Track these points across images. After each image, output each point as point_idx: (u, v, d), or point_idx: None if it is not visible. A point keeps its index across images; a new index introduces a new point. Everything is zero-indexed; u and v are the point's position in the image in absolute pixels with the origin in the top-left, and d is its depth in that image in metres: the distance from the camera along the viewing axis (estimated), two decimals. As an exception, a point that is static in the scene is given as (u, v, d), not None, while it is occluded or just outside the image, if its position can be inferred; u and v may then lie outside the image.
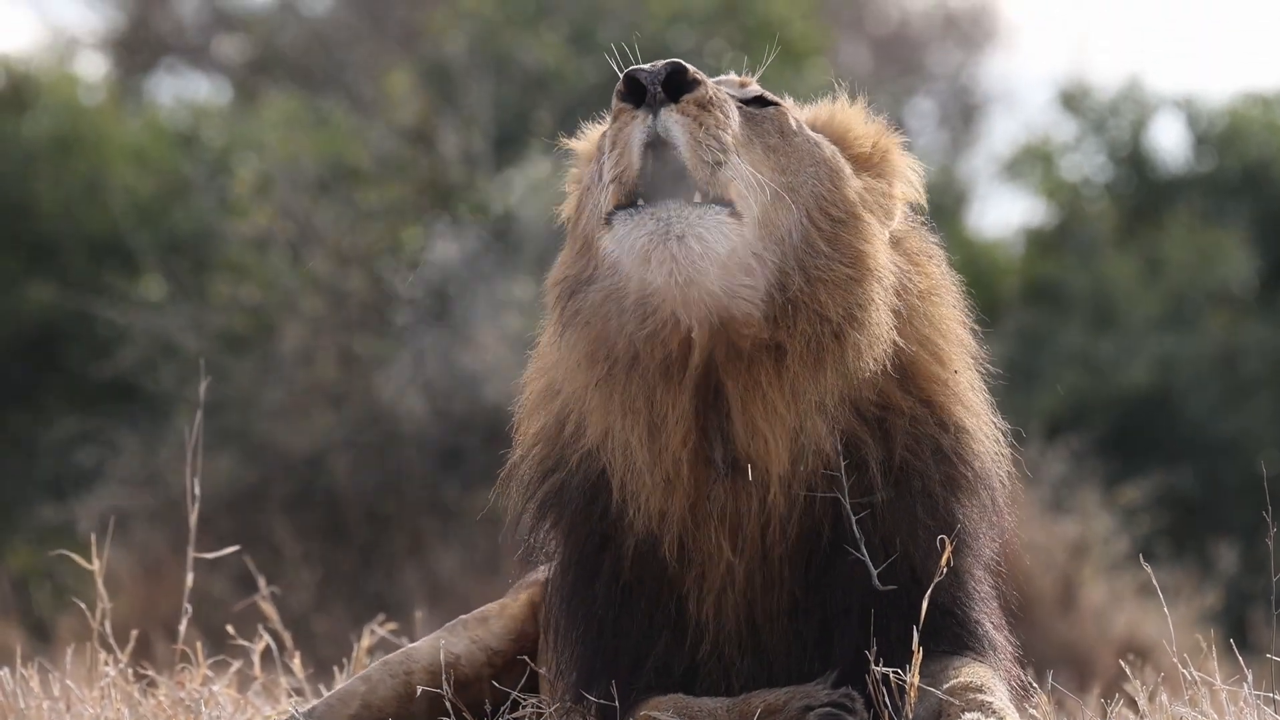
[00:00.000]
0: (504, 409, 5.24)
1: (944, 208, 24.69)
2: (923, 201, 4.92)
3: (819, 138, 4.80)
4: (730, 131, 4.53)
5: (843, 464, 4.59)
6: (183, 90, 29.30)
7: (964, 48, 33.59)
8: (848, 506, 4.59)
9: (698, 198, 4.46)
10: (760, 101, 4.78)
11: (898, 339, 4.66)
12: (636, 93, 4.53)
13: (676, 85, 4.52)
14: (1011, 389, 4.95)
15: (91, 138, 20.94)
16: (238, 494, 15.45)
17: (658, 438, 4.61)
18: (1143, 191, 23.71)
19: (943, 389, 4.75)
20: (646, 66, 4.55)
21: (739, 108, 4.67)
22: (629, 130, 4.52)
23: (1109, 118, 23.95)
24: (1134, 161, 23.83)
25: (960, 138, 32.56)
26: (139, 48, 29.64)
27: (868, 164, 4.87)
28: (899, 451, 4.66)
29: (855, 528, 4.59)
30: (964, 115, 32.76)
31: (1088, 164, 24.23)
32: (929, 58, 33.31)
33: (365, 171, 17.14)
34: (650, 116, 4.51)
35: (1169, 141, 30.08)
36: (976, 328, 4.91)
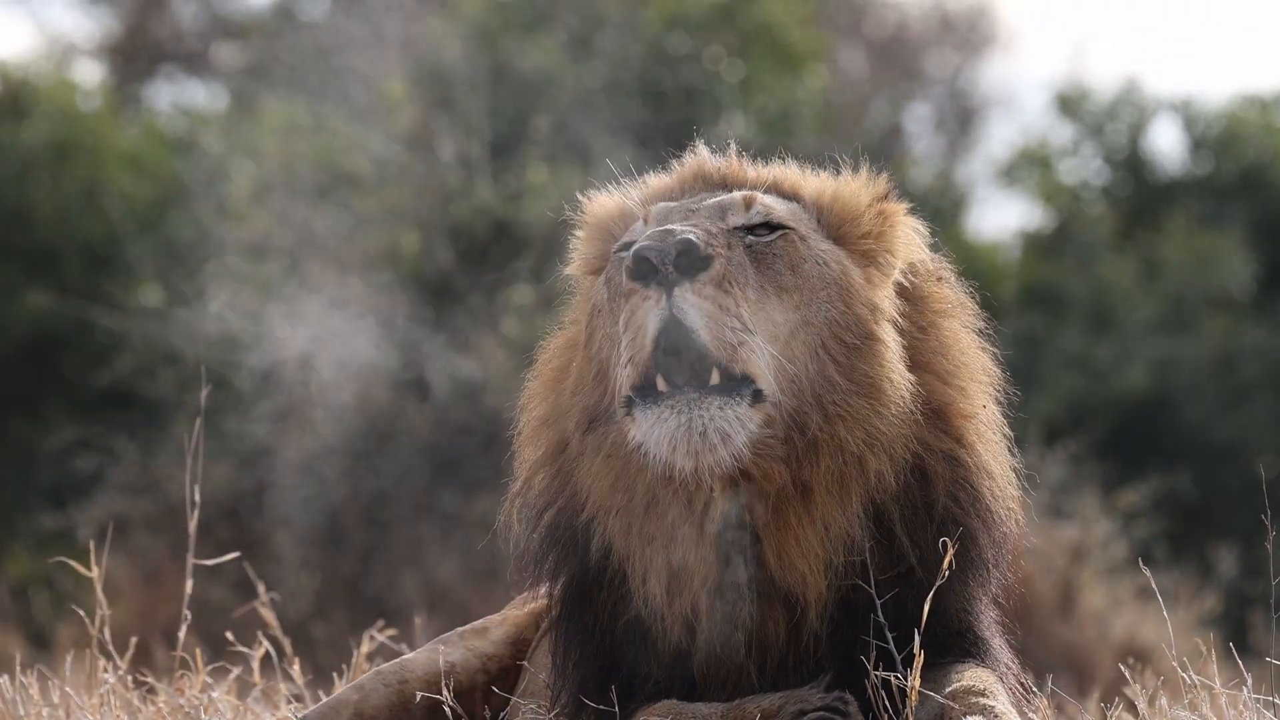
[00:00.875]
0: (502, 415, 5.24)
1: (942, 211, 24.69)
2: (927, 262, 4.88)
3: (826, 249, 4.72)
4: (746, 305, 4.47)
5: (868, 545, 4.62)
6: (180, 97, 29.31)
7: (961, 52, 33.60)
8: (874, 589, 4.60)
9: (715, 377, 4.43)
10: (767, 227, 4.67)
11: (923, 393, 4.68)
12: (647, 271, 4.45)
13: (689, 262, 4.44)
14: (1009, 393, 4.95)
15: (89, 144, 20.94)
16: (237, 501, 15.45)
17: (678, 578, 4.63)
18: (1140, 195, 23.72)
19: (962, 420, 4.76)
20: (655, 244, 4.45)
21: (749, 250, 4.59)
22: (642, 313, 4.46)
23: (1106, 121, 23.96)
24: (1131, 165, 23.84)
25: (958, 142, 32.56)
26: (137, 55, 29.64)
27: (868, 238, 4.82)
28: (941, 498, 4.67)
29: (879, 613, 4.59)
30: (962, 119, 32.76)
31: (1085, 168, 24.25)
32: (927, 62, 33.31)
33: (363, 178, 17.13)
34: (664, 296, 4.44)
35: (1166, 145, 30.07)
36: (995, 353, 4.92)
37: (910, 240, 4.85)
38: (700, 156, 4.97)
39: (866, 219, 4.81)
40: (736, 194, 4.76)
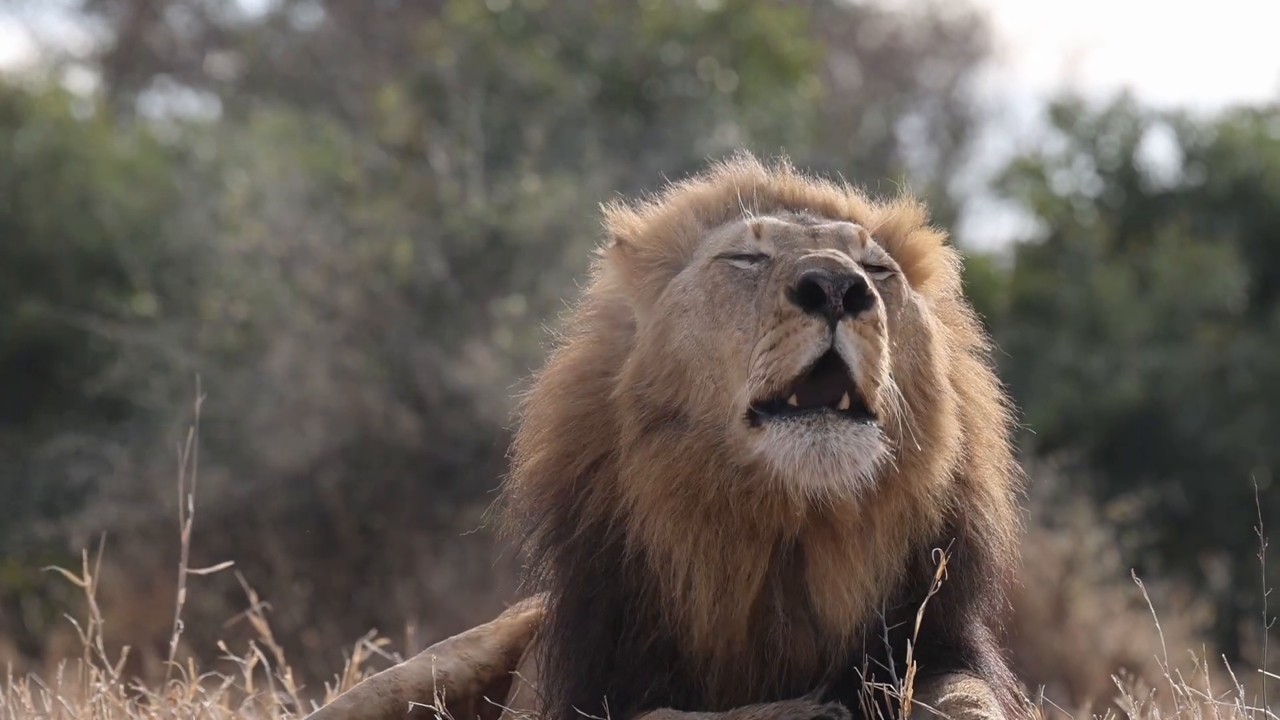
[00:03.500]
0: (496, 426, 5.24)
1: (935, 222, 24.68)
2: (957, 287, 4.96)
3: (911, 294, 4.78)
4: (887, 350, 4.52)
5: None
6: (174, 106, 29.32)
7: (955, 63, 33.64)
8: (882, 618, 4.65)
9: (845, 402, 4.47)
10: (875, 268, 4.72)
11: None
12: (811, 297, 4.46)
13: (858, 300, 4.47)
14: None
15: (82, 153, 20.93)
16: (230, 510, 15.44)
17: (726, 588, 4.65)
18: (1133, 206, 23.74)
19: (979, 450, 4.84)
20: (826, 274, 4.47)
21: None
22: (800, 337, 4.46)
23: (1099, 133, 23.98)
24: (1124, 176, 23.85)
25: (951, 153, 32.59)
26: (131, 64, 29.65)
27: (930, 275, 4.93)
28: (963, 549, 4.74)
29: (885, 636, 4.64)
30: (955, 130, 32.80)
31: (1078, 179, 24.27)
32: (920, 73, 33.35)
33: (356, 187, 17.13)
34: (827, 329, 4.46)
35: (1159, 156, 30.13)
36: (1004, 397, 4.96)
37: (949, 272, 4.97)
38: (751, 168, 4.98)
39: (930, 255, 4.92)
40: (850, 227, 4.79)
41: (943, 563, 4.57)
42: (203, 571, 5.98)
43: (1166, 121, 23.97)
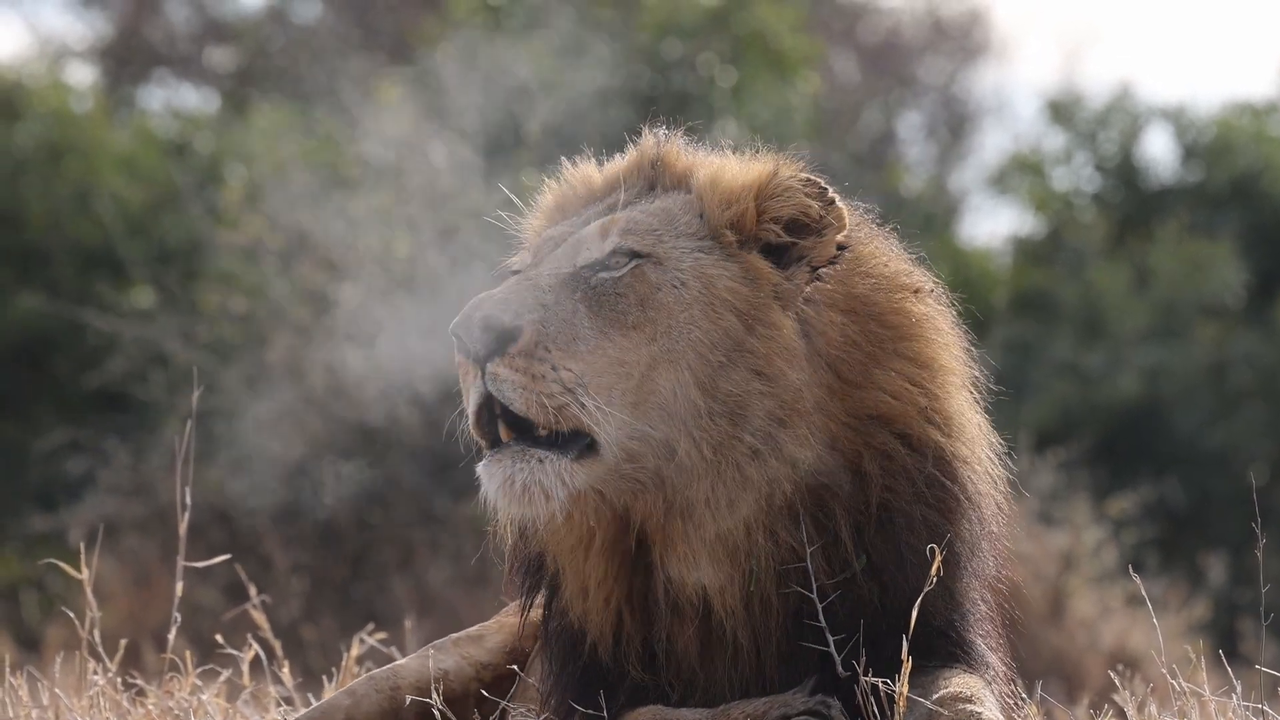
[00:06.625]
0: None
1: (934, 218, 24.70)
2: (828, 212, 4.69)
3: (688, 267, 4.63)
4: (571, 364, 4.48)
5: (809, 549, 4.59)
6: (173, 99, 29.30)
7: (954, 59, 33.62)
8: (815, 594, 4.59)
9: (541, 430, 4.47)
10: (619, 253, 4.63)
11: (850, 406, 4.63)
12: (463, 348, 4.53)
13: (495, 339, 4.48)
14: (1000, 400, 4.93)
15: (81, 147, 20.93)
16: (227, 504, 15.44)
17: (588, 596, 4.69)
18: (1132, 202, 23.74)
19: (918, 421, 4.69)
20: (463, 322, 4.51)
21: (591, 292, 4.57)
22: (468, 383, 4.57)
23: (1098, 129, 23.99)
24: (1123, 173, 23.86)
25: (950, 148, 32.58)
26: (129, 57, 29.63)
27: (752, 226, 4.72)
28: (876, 494, 4.63)
29: (821, 618, 4.59)
30: (954, 126, 32.78)
31: (1077, 175, 24.27)
32: (919, 68, 33.33)
33: (355, 181, 17.12)
34: (479, 374, 4.51)
35: (1158, 153, 30.11)
36: (970, 349, 4.86)
37: (786, 198, 4.72)
38: (644, 145, 4.96)
39: (738, 196, 4.72)
40: (593, 225, 4.72)
41: (937, 559, 4.55)
42: (200, 565, 5.98)
43: (1165, 118, 23.98)
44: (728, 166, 4.82)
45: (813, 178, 4.73)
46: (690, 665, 4.67)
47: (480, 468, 4.55)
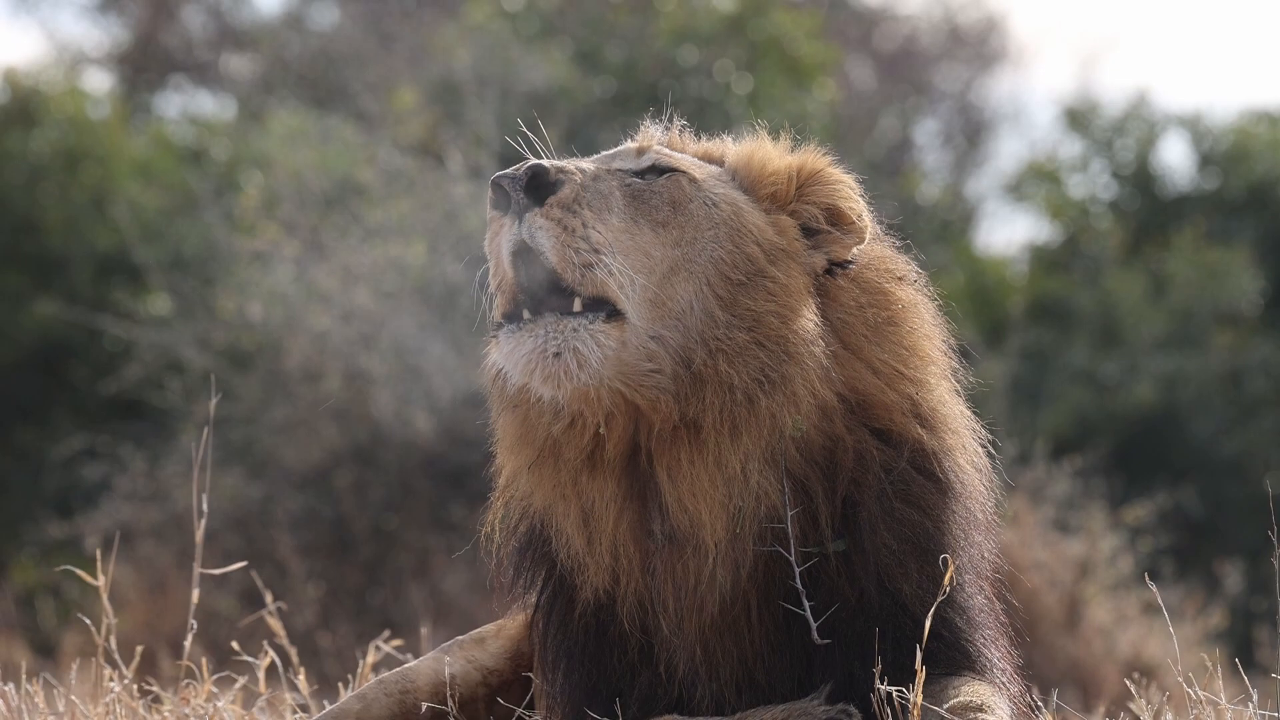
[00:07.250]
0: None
1: (950, 225, 24.70)
2: (864, 217, 4.86)
3: (721, 193, 4.77)
4: (601, 228, 4.55)
5: (790, 514, 4.60)
6: (189, 106, 29.36)
7: (971, 66, 33.61)
8: (794, 558, 4.60)
9: (577, 304, 4.51)
10: (655, 170, 4.75)
11: (845, 377, 4.67)
12: (502, 199, 4.58)
13: (539, 188, 4.55)
14: (1016, 407, 4.93)
15: (98, 153, 20.97)
16: (243, 510, 15.45)
17: (590, 523, 4.68)
18: (1148, 210, 23.72)
19: (897, 413, 4.73)
20: (510, 171, 4.57)
21: (626, 187, 4.67)
22: (499, 239, 4.60)
23: (1115, 137, 23.97)
24: (1140, 180, 23.83)
25: (967, 156, 32.57)
26: (146, 64, 29.69)
27: (787, 199, 4.85)
28: (843, 488, 4.65)
29: (798, 581, 4.59)
30: (970, 133, 32.77)
31: (1094, 182, 24.25)
32: (936, 76, 33.33)
33: (371, 188, 17.14)
34: (516, 223, 4.55)
35: (1175, 160, 30.09)
36: (952, 341, 4.90)
37: (841, 188, 4.87)
38: (644, 133, 5.01)
39: (780, 171, 4.85)
40: (630, 144, 4.86)
41: (950, 568, 4.55)
42: (216, 571, 5.99)
43: (1182, 125, 23.96)
44: (764, 146, 4.96)
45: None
46: (678, 614, 4.66)
47: (503, 334, 4.56)
